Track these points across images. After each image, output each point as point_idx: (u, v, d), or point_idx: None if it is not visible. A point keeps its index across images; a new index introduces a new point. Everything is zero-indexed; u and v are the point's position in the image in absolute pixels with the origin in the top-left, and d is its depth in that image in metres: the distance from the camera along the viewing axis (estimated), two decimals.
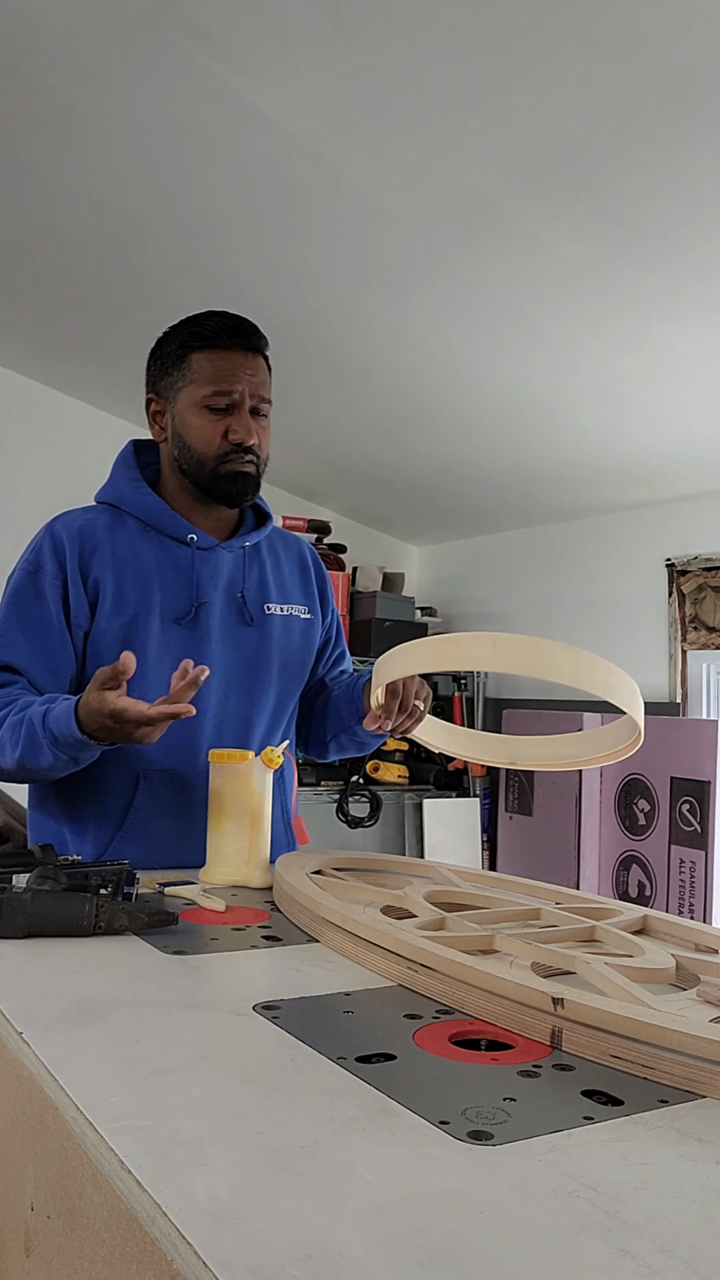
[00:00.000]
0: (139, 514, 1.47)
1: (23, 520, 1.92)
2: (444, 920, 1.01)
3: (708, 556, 3.39)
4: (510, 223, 2.16)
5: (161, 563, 1.45)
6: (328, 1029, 0.76)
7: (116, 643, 1.40)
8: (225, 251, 2.51)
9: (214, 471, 1.44)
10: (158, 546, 1.46)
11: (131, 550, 1.45)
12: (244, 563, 1.52)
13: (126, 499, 1.48)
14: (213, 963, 0.94)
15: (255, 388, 1.44)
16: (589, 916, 1.08)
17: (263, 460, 1.48)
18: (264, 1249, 0.46)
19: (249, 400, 1.43)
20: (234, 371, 1.42)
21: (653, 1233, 0.48)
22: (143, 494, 1.48)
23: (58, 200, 2.43)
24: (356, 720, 1.51)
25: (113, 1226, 0.53)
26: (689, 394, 2.78)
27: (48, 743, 1.27)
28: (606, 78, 1.71)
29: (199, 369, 1.42)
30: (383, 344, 2.83)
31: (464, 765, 4.09)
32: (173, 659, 1.40)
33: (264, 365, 1.47)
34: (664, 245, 2.15)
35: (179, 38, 1.79)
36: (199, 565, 1.47)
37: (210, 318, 1.45)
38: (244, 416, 1.43)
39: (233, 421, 1.42)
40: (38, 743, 1.28)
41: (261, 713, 1.50)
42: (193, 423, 1.43)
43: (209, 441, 1.43)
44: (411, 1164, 0.55)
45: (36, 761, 1.29)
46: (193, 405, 1.43)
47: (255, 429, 1.44)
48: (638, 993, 0.76)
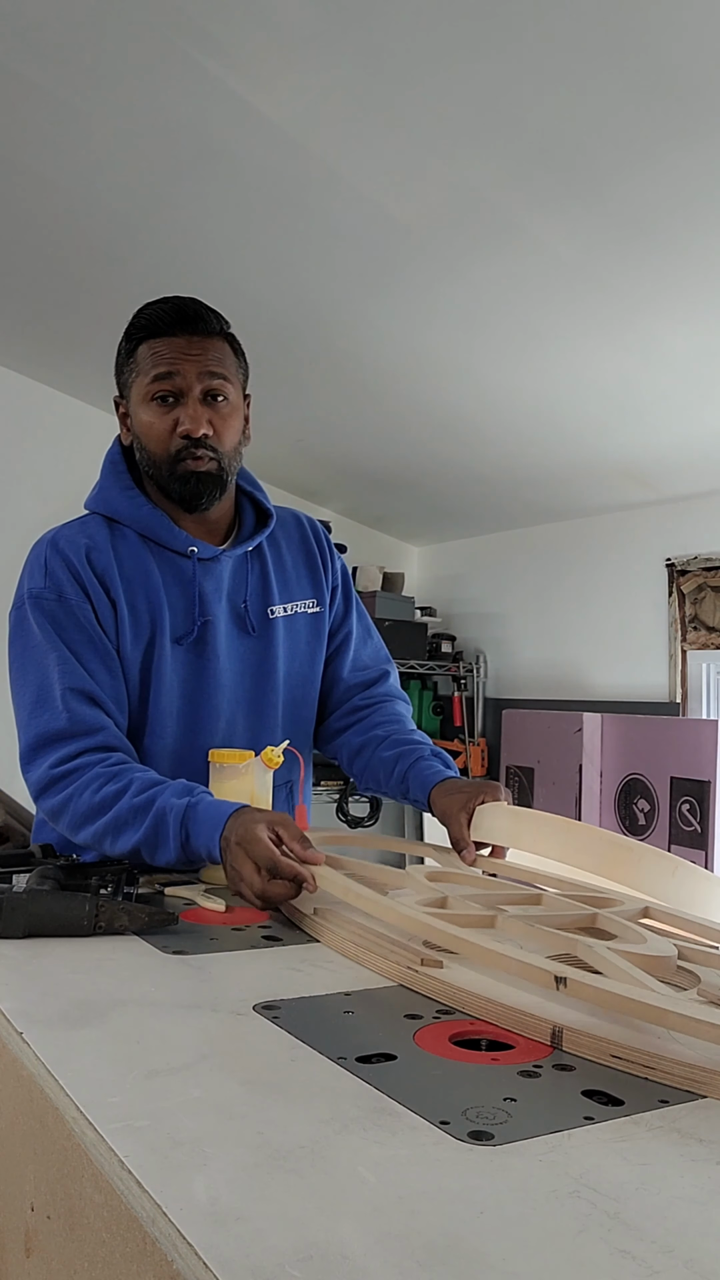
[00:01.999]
0: (136, 527, 1.38)
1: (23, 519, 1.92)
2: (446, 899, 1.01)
3: (708, 556, 3.39)
4: (510, 224, 2.16)
5: (167, 578, 1.37)
6: (328, 1029, 0.76)
7: (139, 668, 1.35)
8: (225, 252, 2.51)
9: (170, 473, 1.35)
10: (161, 560, 1.38)
11: (138, 568, 1.36)
12: (245, 567, 1.45)
13: (121, 511, 1.39)
14: (213, 963, 0.94)
15: (204, 368, 1.32)
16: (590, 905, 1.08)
17: (226, 454, 1.36)
18: (264, 1249, 0.46)
19: (197, 385, 1.32)
20: (175, 356, 1.31)
21: (653, 1233, 0.48)
22: (138, 505, 1.38)
23: (57, 200, 2.43)
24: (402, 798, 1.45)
25: (113, 1227, 0.53)
26: (689, 394, 2.77)
27: (178, 838, 1.17)
28: (608, 81, 1.71)
29: (143, 360, 1.34)
30: (383, 344, 2.83)
31: (464, 765, 4.09)
32: (182, 681, 1.37)
33: (218, 346, 1.35)
34: (664, 246, 2.15)
35: (179, 38, 1.79)
36: (202, 578, 1.39)
37: (152, 305, 1.36)
38: (191, 405, 1.32)
39: (180, 412, 1.32)
40: (165, 834, 1.17)
41: (272, 727, 1.44)
42: (143, 419, 1.35)
43: (160, 438, 1.34)
44: (411, 1164, 0.55)
45: (154, 854, 1.19)
46: (141, 400, 1.34)
47: (210, 418, 1.33)
48: (641, 978, 0.76)
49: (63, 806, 1.25)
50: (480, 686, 4.15)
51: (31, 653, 1.32)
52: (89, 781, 1.24)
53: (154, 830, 1.18)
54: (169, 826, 1.18)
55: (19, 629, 1.34)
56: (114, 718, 1.31)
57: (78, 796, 1.24)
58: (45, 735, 1.27)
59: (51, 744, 1.27)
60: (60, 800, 1.25)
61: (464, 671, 4.18)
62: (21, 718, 1.31)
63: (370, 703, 1.57)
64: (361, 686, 1.58)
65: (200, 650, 1.39)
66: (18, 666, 1.33)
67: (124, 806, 1.21)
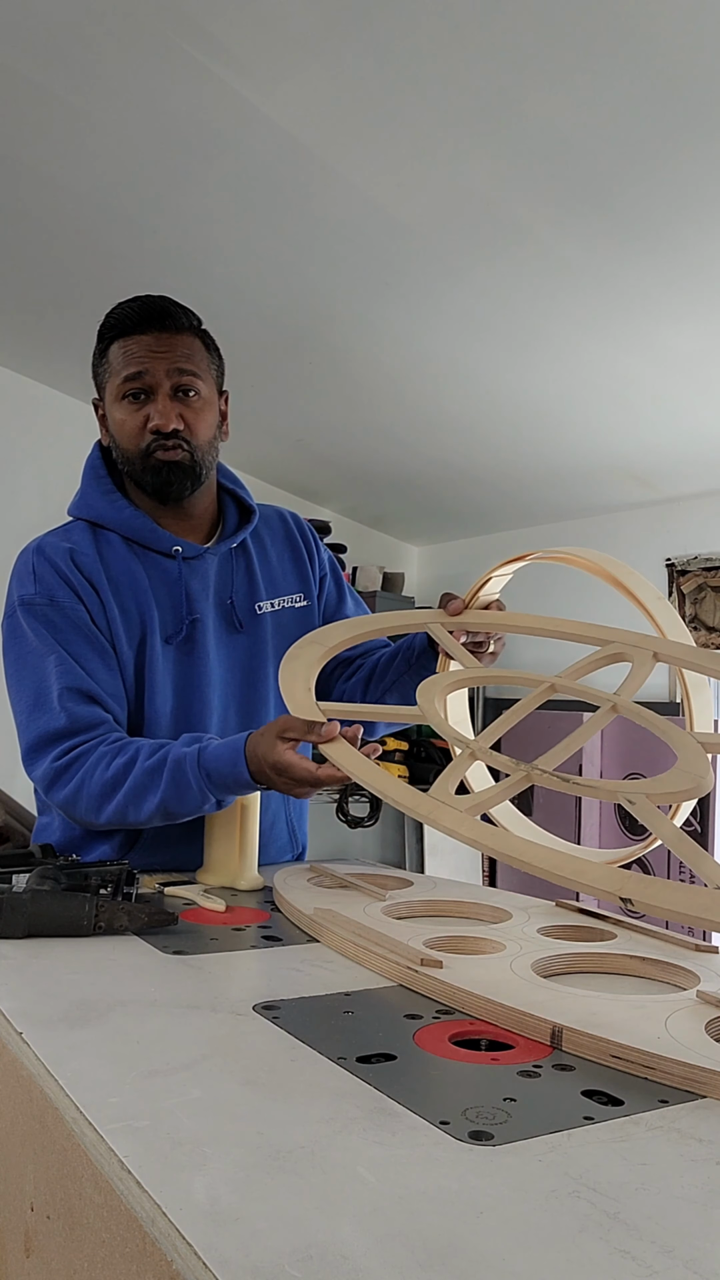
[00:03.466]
0: (120, 530, 1.39)
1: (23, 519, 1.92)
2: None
3: (708, 556, 3.39)
4: (511, 224, 2.16)
5: (154, 579, 1.38)
6: (328, 1029, 0.76)
7: (132, 668, 1.35)
8: (225, 251, 2.51)
9: (143, 465, 1.36)
10: (146, 562, 1.39)
11: (125, 570, 1.38)
12: (231, 564, 1.46)
13: (104, 515, 1.40)
14: (213, 963, 0.94)
15: (174, 364, 1.34)
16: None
17: (199, 446, 1.38)
18: (264, 1249, 0.46)
19: (166, 381, 1.34)
20: (144, 354, 1.33)
21: (653, 1233, 0.48)
22: (119, 508, 1.40)
23: (58, 200, 2.43)
24: (413, 677, 1.43)
25: (112, 1227, 0.53)
26: (689, 394, 2.78)
27: (200, 782, 1.19)
28: (611, 84, 1.71)
29: (114, 359, 1.36)
30: (383, 344, 2.83)
31: None
32: (174, 680, 1.38)
33: (188, 342, 1.36)
34: (665, 247, 2.15)
35: (179, 38, 1.79)
36: (188, 577, 1.40)
37: (122, 304, 1.37)
38: (161, 400, 1.34)
39: (151, 408, 1.34)
40: (186, 783, 1.19)
41: (263, 723, 1.44)
42: (116, 417, 1.37)
43: (132, 434, 1.35)
44: (411, 1164, 0.55)
45: (182, 805, 1.21)
46: (114, 399, 1.36)
47: (181, 412, 1.35)
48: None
49: (76, 793, 1.25)
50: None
51: (28, 658, 1.32)
52: (96, 761, 1.25)
53: (174, 782, 1.20)
54: (187, 773, 1.19)
55: (12, 636, 1.35)
56: (113, 713, 1.32)
57: (89, 778, 1.24)
58: (45, 735, 1.28)
59: (51, 742, 1.27)
60: (72, 788, 1.25)
61: None
62: (20, 721, 1.31)
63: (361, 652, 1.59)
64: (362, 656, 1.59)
65: (190, 649, 1.39)
66: (14, 673, 1.34)
67: (138, 772, 1.22)
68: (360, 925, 0.98)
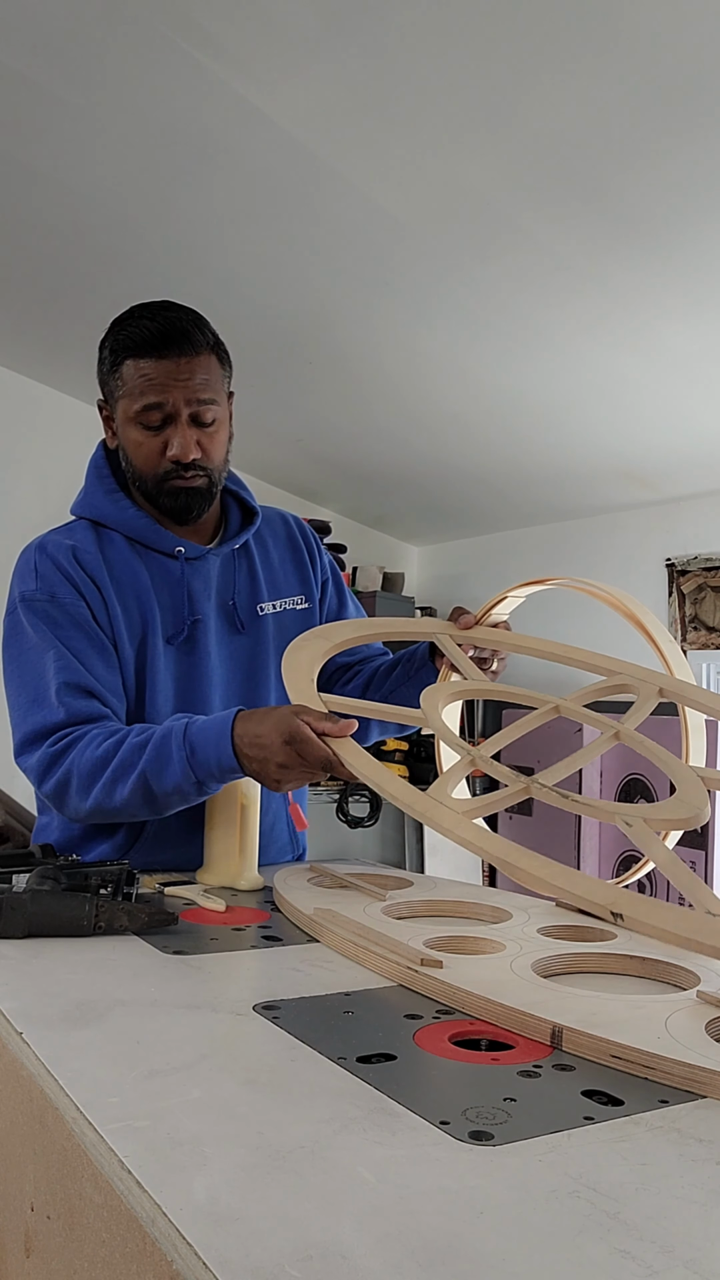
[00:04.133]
0: (122, 530, 1.39)
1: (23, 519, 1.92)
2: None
3: (708, 556, 3.39)
4: (511, 224, 2.16)
5: (156, 579, 1.38)
6: (328, 1029, 0.76)
7: (133, 668, 1.35)
8: (225, 252, 2.51)
9: (159, 488, 1.36)
10: (149, 562, 1.39)
11: (127, 569, 1.37)
12: (234, 565, 1.46)
13: (107, 515, 1.40)
14: (213, 963, 0.94)
15: (193, 394, 1.31)
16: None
17: (215, 469, 1.38)
18: (264, 1249, 0.46)
19: (185, 410, 1.32)
20: (164, 382, 1.30)
21: (653, 1233, 0.48)
22: (123, 508, 1.39)
23: (59, 200, 2.43)
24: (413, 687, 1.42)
25: (112, 1227, 0.53)
26: (689, 394, 2.78)
27: (181, 753, 1.16)
28: (608, 83, 1.71)
29: (130, 380, 1.32)
30: (383, 344, 2.83)
31: None
32: (175, 680, 1.37)
33: (205, 364, 1.33)
34: (664, 246, 2.15)
35: (179, 38, 1.79)
36: (190, 577, 1.40)
37: (140, 320, 1.33)
38: (181, 429, 1.32)
39: (171, 435, 1.33)
40: (168, 755, 1.17)
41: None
42: (132, 438, 1.35)
43: (149, 460, 1.35)
44: (411, 1164, 0.55)
45: (160, 780, 1.18)
46: (129, 420, 1.34)
47: (199, 440, 1.34)
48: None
49: (66, 778, 1.24)
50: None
51: (27, 654, 1.32)
52: (88, 743, 1.24)
53: (156, 754, 1.18)
54: (171, 745, 1.18)
55: (13, 633, 1.34)
56: (112, 708, 1.31)
57: (79, 759, 1.23)
58: (42, 729, 1.27)
59: (47, 735, 1.27)
60: (62, 772, 1.24)
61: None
62: (17, 717, 1.31)
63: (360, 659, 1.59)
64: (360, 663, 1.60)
65: (191, 649, 1.39)
66: (13, 669, 1.33)
67: (126, 748, 1.21)
68: (360, 925, 0.98)
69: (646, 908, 0.77)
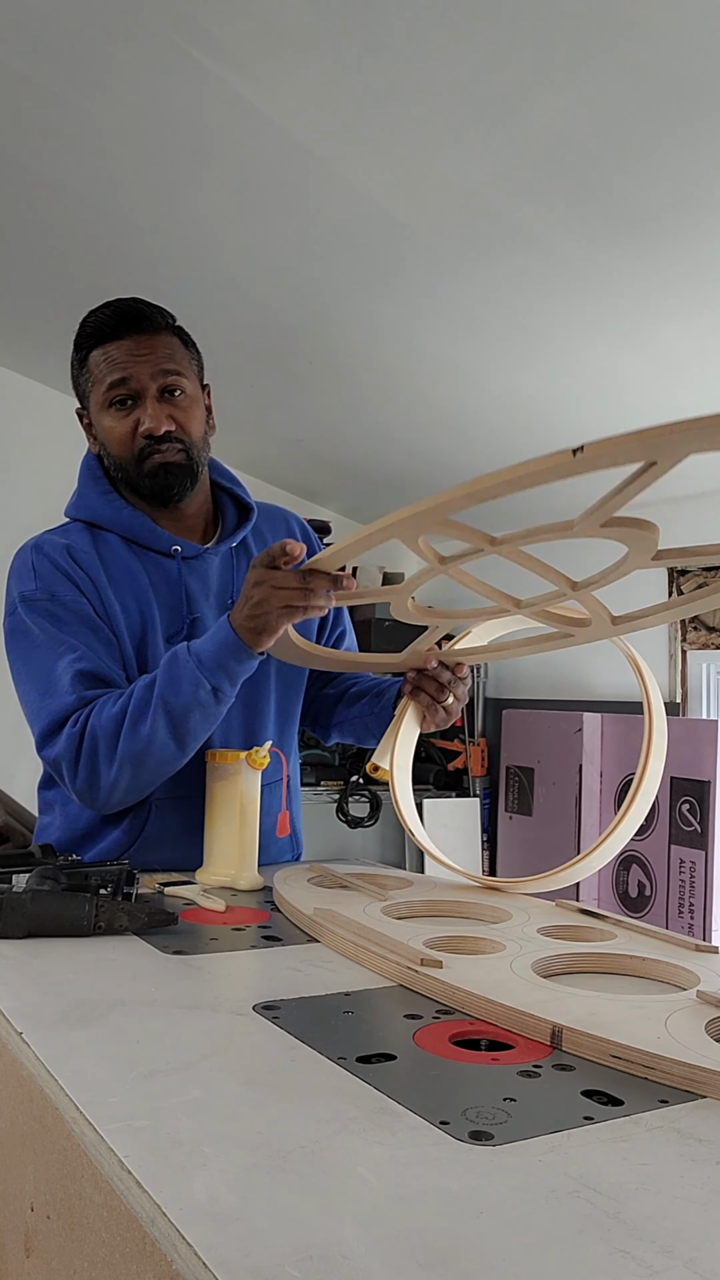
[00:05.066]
0: (118, 530, 1.39)
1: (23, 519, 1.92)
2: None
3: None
4: (511, 224, 2.16)
5: (154, 578, 1.38)
6: (328, 1029, 0.76)
7: (134, 666, 1.35)
8: (225, 251, 2.51)
9: (138, 471, 1.36)
10: (146, 561, 1.39)
11: (124, 569, 1.37)
12: (232, 564, 1.46)
13: (102, 516, 1.39)
14: (213, 963, 0.94)
15: (156, 366, 1.33)
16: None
17: (193, 444, 1.37)
18: (264, 1249, 0.46)
19: (152, 384, 1.33)
20: (126, 360, 1.32)
21: (653, 1233, 0.48)
22: (117, 509, 1.39)
23: (58, 199, 2.43)
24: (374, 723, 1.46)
25: (112, 1227, 0.53)
26: (689, 394, 2.78)
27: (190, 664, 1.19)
28: (607, 82, 1.71)
29: (95, 368, 1.34)
30: (383, 344, 2.83)
31: (464, 765, 4.09)
32: None
33: (166, 341, 1.35)
34: (665, 246, 2.15)
35: (179, 38, 1.79)
36: (187, 576, 1.40)
37: (96, 312, 1.36)
38: (150, 404, 1.33)
39: (140, 413, 1.33)
40: (178, 671, 1.20)
41: (266, 721, 1.45)
42: (105, 424, 1.36)
43: (123, 441, 1.35)
44: (411, 1164, 0.55)
45: (178, 695, 1.20)
46: (100, 407, 1.35)
47: (170, 413, 1.34)
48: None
49: (93, 746, 1.23)
50: (480, 686, 4.15)
51: (35, 652, 1.31)
52: (101, 706, 1.24)
53: (168, 676, 1.21)
54: (179, 662, 1.21)
55: (15, 633, 1.34)
56: None
57: (97, 724, 1.23)
58: (59, 717, 1.26)
59: (65, 721, 1.26)
60: (88, 744, 1.23)
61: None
62: (32, 711, 1.30)
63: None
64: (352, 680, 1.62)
65: None
66: (21, 668, 1.33)
67: (137, 692, 1.23)
68: (360, 925, 0.98)
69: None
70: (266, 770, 1.34)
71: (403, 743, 1.35)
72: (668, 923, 3.21)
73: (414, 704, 1.34)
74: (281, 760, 1.44)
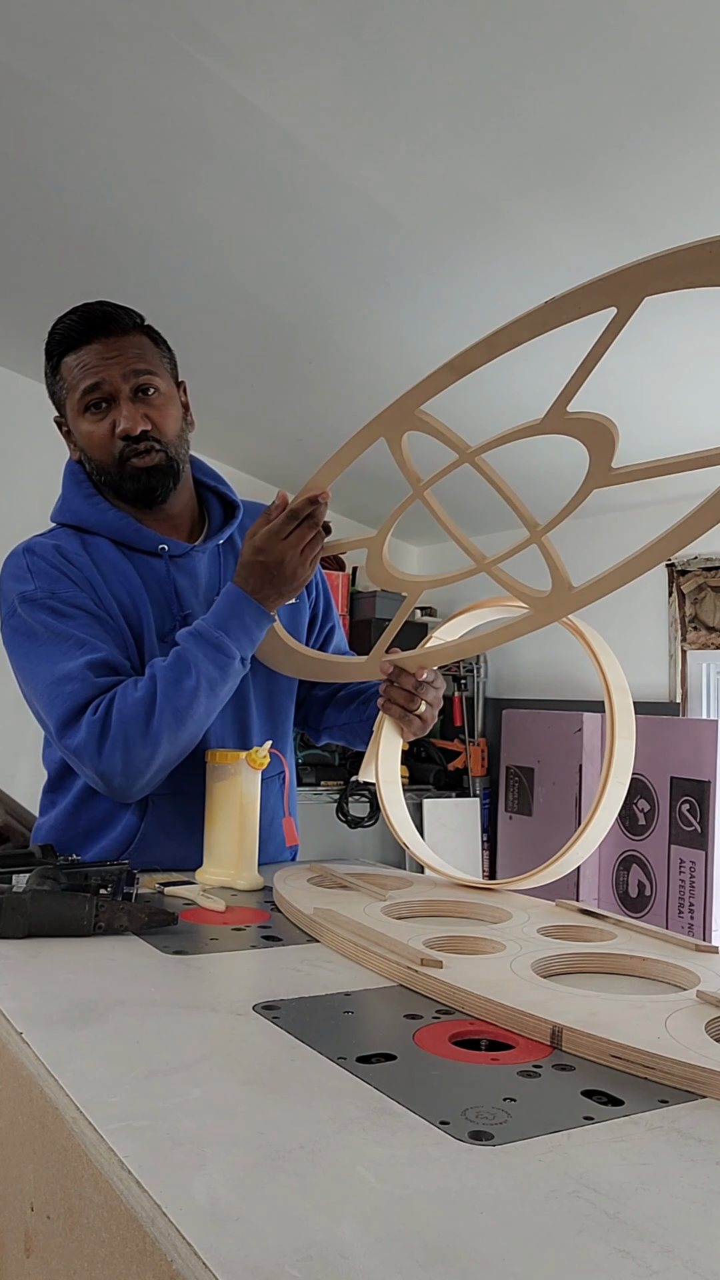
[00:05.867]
0: (105, 532, 1.39)
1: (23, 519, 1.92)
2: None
3: (708, 556, 3.39)
4: (511, 224, 2.16)
5: (145, 577, 1.39)
6: (328, 1029, 0.76)
7: (134, 659, 1.35)
8: (225, 251, 2.51)
9: (120, 474, 1.36)
10: (135, 562, 1.39)
11: (114, 570, 1.38)
12: (220, 561, 1.47)
13: (87, 519, 1.40)
14: (213, 963, 0.94)
15: (127, 367, 1.33)
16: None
17: (171, 443, 1.38)
18: (264, 1249, 0.46)
19: (124, 385, 1.33)
20: (97, 364, 1.33)
21: (653, 1233, 0.48)
22: (102, 511, 1.40)
23: (58, 200, 2.43)
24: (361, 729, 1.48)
25: (112, 1227, 0.53)
26: (689, 394, 2.78)
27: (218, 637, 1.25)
28: (606, 79, 1.71)
29: (68, 374, 1.35)
30: (383, 344, 2.83)
31: (464, 765, 4.09)
32: None
33: (136, 341, 1.36)
34: (662, 245, 2.15)
35: (179, 37, 1.79)
36: (176, 575, 1.41)
37: (64, 319, 1.36)
38: (124, 405, 1.33)
39: (115, 414, 1.34)
40: (208, 645, 1.25)
41: (256, 717, 1.46)
42: (82, 429, 1.37)
43: (102, 444, 1.35)
44: (411, 1164, 0.55)
45: (217, 666, 1.26)
46: (76, 413, 1.36)
47: (145, 413, 1.34)
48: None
49: (122, 733, 1.23)
50: (480, 686, 4.15)
51: (41, 648, 1.30)
52: (123, 693, 1.25)
53: (200, 652, 1.26)
54: (206, 637, 1.26)
55: (18, 634, 1.33)
56: None
57: (124, 709, 1.23)
58: (77, 706, 1.25)
59: (83, 709, 1.25)
60: (115, 731, 1.23)
61: (464, 671, 4.18)
62: (44, 705, 1.28)
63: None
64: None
65: None
66: (28, 665, 1.31)
67: (164, 670, 1.26)
68: (360, 925, 0.98)
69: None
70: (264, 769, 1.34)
71: (385, 755, 1.34)
72: (668, 923, 3.21)
73: (388, 716, 1.34)
74: (280, 757, 1.44)
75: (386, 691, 1.33)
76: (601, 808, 1.20)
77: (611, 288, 0.77)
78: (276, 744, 1.48)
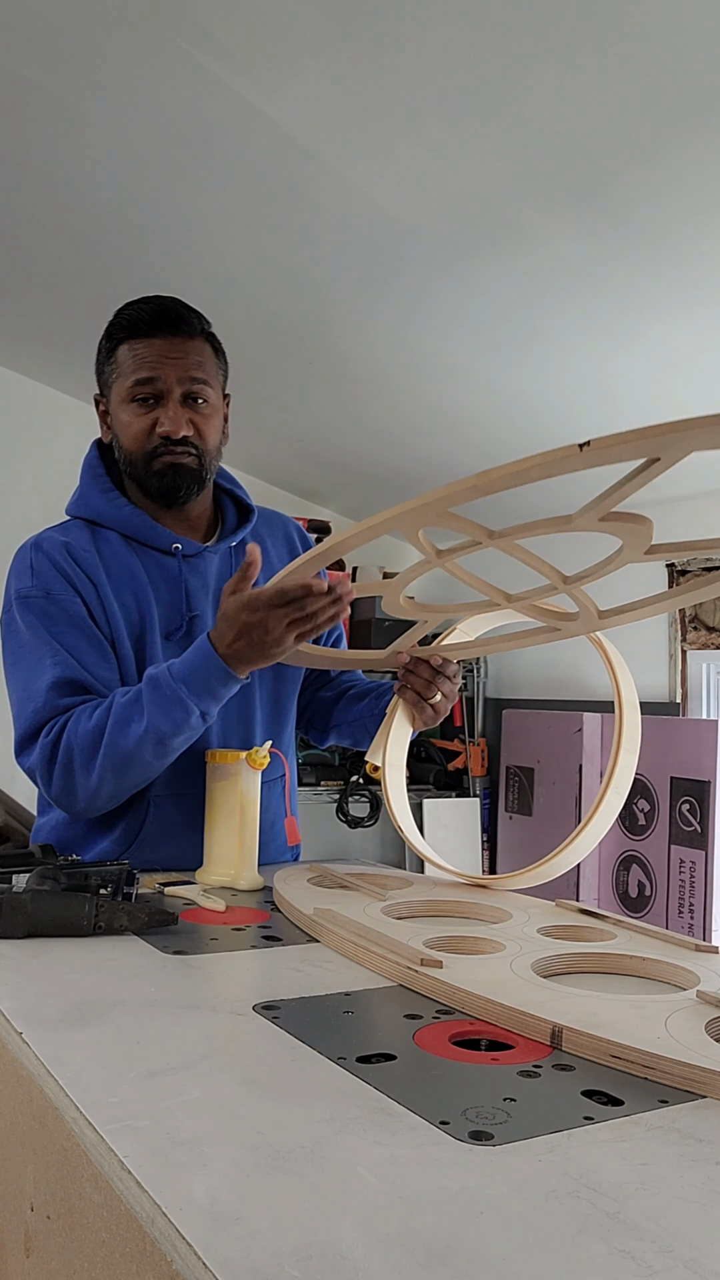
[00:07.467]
0: (118, 528, 1.39)
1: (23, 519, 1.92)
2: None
3: (708, 557, 3.39)
4: (511, 225, 2.16)
5: (153, 576, 1.39)
6: (328, 1029, 0.76)
7: (132, 663, 1.35)
8: (225, 251, 2.51)
9: (147, 468, 1.36)
10: (145, 559, 1.39)
11: (123, 567, 1.38)
12: (230, 563, 1.47)
13: (102, 513, 1.40)
14: (213, 963, 0.94)
15: (185, 372, 1.33)
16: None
17: (207, 452, 1.38)
18: (264, 1249, 0.46)
19: (177, 388, 1.33)
20: (157, 359, 1.32)
21: (653, 1233, 0.48)
22: (118, 506, 1.40)
23: (57, 200, 2.43)
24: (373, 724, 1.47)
25: (112, 1227, 0.53)
26: (689, 394, 2.78)
27: (176, 689, 1.19)
28: (608, 81, 1.71)
29: (124, 361, 1.35)
30: (383, 344, 2.83)
31: (464, 765, 4.09)
32: None
33: (199, 348, 1.36)
34: (666, 247, 2.15)
35: (179, 38, 1.79)
36: (187, 574, 1.41)
37: (136, 305, 1.36)
38: (172, 407, 1.33)
39: (160, 413, 1.34)
40: (164, 695, 1.20)
41: (260, 717, 1.46)
42: (122, 418, 1.36)
43: (138, 437, 1.35)
44: (411, 1164, 0.55)
45: (168, 719, 1.20)
46: (121, 400, 1.36)
47: (191, 418, 1.35)
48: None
49: (68, 757, 1.25)
50: (480, 686, 4.15)
51: (22, 652, 1.32)
52: (78, 719, 1.25)
53: (154, 700, 1.21)
54: (162, 686, 1.21)
55: (8, 631, 1.35)
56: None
57: (74, 736, 1.24)
58: (33, 727, 1.28)
59: (39, 730, 1.28)
60: (63, 754, 1.25)
61: (464, 671, 4.18)
62: (12, 717, 1.33)
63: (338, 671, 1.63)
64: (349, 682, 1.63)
65: (189, 645, 1.39)
66: (9, 667, 1.35)
67: (118, 709, 1.23)
68: (360, 925, 0.98)
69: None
70: (264, 770, 1.34)
71: (395, 740, 1.35)
72: (668, 923, 3.21)
73: (403, 701, 1.35)
74: (281, 758, 1.44)
75: (405, 677, 1.35)
76: (598, 815, 1.21)
77: (655, 439, 0.76)
78: (279, 744, 1.48)
